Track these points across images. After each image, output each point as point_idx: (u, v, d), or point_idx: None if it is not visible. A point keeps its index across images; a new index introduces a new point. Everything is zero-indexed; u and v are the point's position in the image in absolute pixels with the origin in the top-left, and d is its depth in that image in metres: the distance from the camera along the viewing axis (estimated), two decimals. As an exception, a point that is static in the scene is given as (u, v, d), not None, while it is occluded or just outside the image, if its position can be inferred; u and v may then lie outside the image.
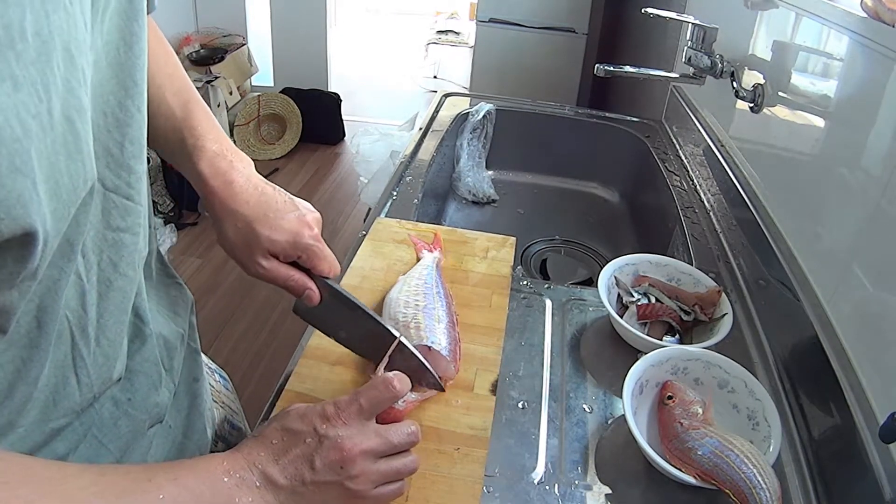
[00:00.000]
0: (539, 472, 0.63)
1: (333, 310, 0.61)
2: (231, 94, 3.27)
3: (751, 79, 1.08)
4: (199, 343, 0.66)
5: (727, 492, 0.56)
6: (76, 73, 0.33)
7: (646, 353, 0.70)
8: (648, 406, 0.69)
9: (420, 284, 0.78)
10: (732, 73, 1.10)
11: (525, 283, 0.91)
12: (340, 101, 3.56)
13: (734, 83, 1.07)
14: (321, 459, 0.47)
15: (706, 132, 1.26)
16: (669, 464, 0.60)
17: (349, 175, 3.26)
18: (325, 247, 0.59)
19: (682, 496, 0.62)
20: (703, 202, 1.18)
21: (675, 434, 0.62)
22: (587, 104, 2.96)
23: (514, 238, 0.97)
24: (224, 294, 2.32)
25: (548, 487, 0.61)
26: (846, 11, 0.78)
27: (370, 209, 1.18)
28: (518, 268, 0.95)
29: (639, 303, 0.83)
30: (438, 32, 4.92)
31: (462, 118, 1.50)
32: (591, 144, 1.53)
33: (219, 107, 3.08)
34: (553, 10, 2.67)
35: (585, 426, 0.69)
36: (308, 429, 0.48)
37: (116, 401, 0.48)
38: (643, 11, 1.27)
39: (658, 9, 1.25)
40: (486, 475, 0.61)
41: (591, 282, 1.20)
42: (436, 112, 1.53)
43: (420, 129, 1.42)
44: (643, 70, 1.26)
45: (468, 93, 1.85)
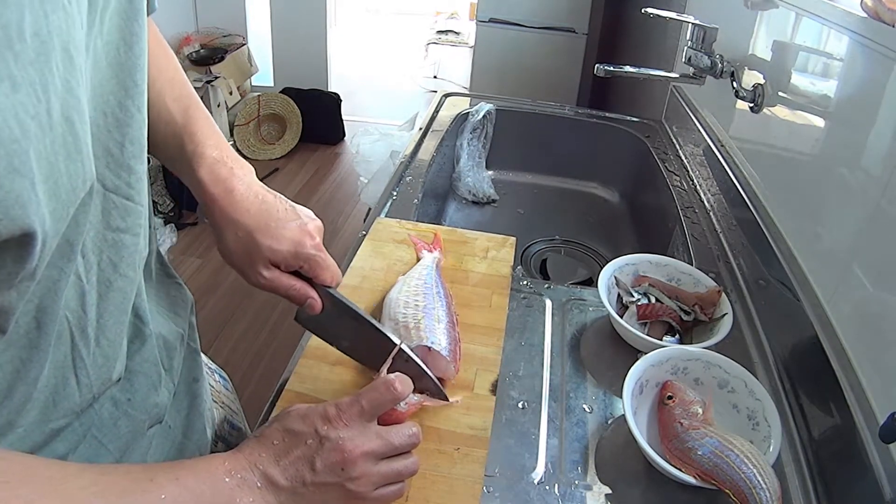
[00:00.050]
0: (539, 472, 0.63)
1: (336, 319, 0.60)
2: (231, 94, 3.27)
3: (751, 79, 1.07)
4: (199, 343, 0.66)
5: (727, 492, 0.56)
6: (75, 74, 0.32)
7: (646, 353, 0.70)
8: (648, 406, 0.69)
9: (420, 285, 0.77)
10: (732, 73, 1.10)
11: (525, 283, 0.91)
12: (340, 101, 3.56)
13: (734, 83, 1.07)
14: (322, 461, 0.47)
15: (706, 132, 1.26)
16: (669, 464, 0.60)
17: (349, 175, 3.26)
18: (328, 256, 0.58)
19: (682, 496, 0.62)
20: (703, 202, 1.18)
21: (675, 434, 0.62)
22: (587, 104, 2.96)
23: (514, 238, 0.97)
24: (224, 294, 2.32)
25: (548, 487, 0.61)
26: (846, 11, 0.78)
27: (370, 209, 1.18)
28: (518, 268, 0.95)
29: (639, 303, 0.83)
30: (438, 32, 4.92)
31: (462, 118, 1.50)
32: (591, 144, 1.53)
33: (219, 107, 3.08)
34: (553, 10, 2.67)
35: (585, 426, 0.69)
36: (309, 430, 0.48)
37: (116, 401, 0.48)
38: (643, 11, 1.27)
39: (658, 9, 1.25)
40: (486, 475, 0.61)
41: (591, 282, 1.20)
42: (436, 112, 1.52)
43: (420, 129, 1.42)
44: (643, 70, 1.26)
45: (468, 93, 1.85)
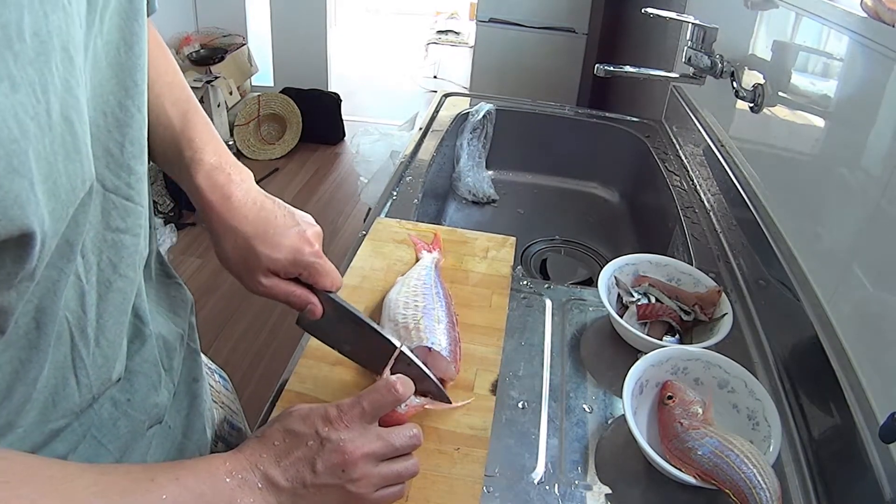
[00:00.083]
0: (539, 472, 0.63)
1: (336, 323, 0.60)
2: (231, 94, 3.27)
3: (751, 79, 1.07)
4: (199, 343, 0.66)
5: (727, 492, 0.56)
6: (75, 73, 0.32)
7: (646, 353, 0.70)
8: (648, 406, 0.69)
9: (419, 285, 0.77)
10: (732, 73, 1.10)
11: (525, 283, 0.91)
12: (340, 101, 3.56)
13: (734, 83, 1.07)
14: (323, 462, 0.46)
15: (706, 132, 1.26)
16: (669, 464, 0.60)
17: (349, 175, 3.26)
18: (327, 262, 0.58)
19: (682, 496, 0.62)
20: (703, 202, 1.18)
21: (675, 434, 0.62)
22: (587, 104, 2.96)
23: (514, 238, 0.97)
24: (224, 294, 2.32)
25: (548, 487, 0.61)
26: (846, 11, 0.78)
27: (370, 209, 1.18)
28: (518, 268, 0.95)
29: (639, 303, 0.83)
30: (438, 32, 4.92)
31: (462, 118, 1.50)
32: (591, 144, 1.53)
33: (219, 107, 3.08)
34: (553, 10, 2.67)
35: (585, 426, 0.69)
36: (310, 431, 0.48)
37: (116, 401, 0.48)
38: (643, 11, 1.27)
39: (658, 9, 1.25)
40: (486, 475, 0.61)
41: (591, 282, 1.20)
42: (436, 112, 1.52)
43: (420, 129, 1.42)
44: (643, 70, 1.26)
45: (468, 93, 1.85)
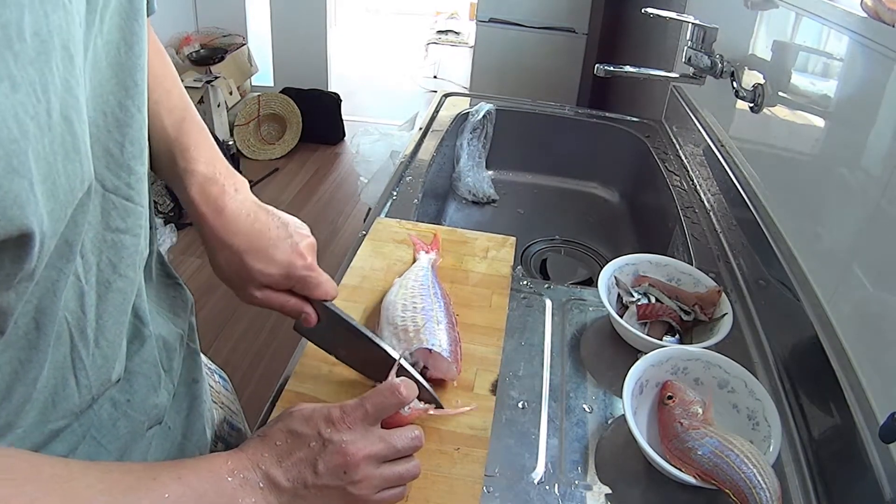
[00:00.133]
0: (539, 472, 0.63)
1: (331, 331, 0.62)
2: (231, 94, 3.27)
3: (751, 79, 1.07)
4: (199, 344, 0.66)
5: (727, 492, 0.56)
6: (74, 73, 0.32)
7: (646, 353, 0.70)
8: (648, 406, 0.69)
9: (417, 286, 0.77)
10: (732, 73, 1.10)
11: (525, 283, 0.91)
12: (340, 101, 3.56)
13: (734, 83, 1.07)
14: (324, 463, 0.46)
15: (706, 132, 1.26)
16: (669, 464, 0.60)
17: (349, 175, 3.26)
18: (320, 274, 0.59)
19: (682, 496, 0.62)
20: (703, 202, 1.17)
21: (675, 434, 0.62)
22: (587, 104, 2.96)
23: (514, 238, 0.97)
24: (224, 294, 2.32)
25: (548, 487, 0.61)
26: (846, 11, 0.78)
27: (370, 209, 1.18)
28: (518, 268, 0.95)
29: (639, 303, 0.83)
30: (438, 32, 4.92)
31: (462, 118, 1.50)
32: (591, 144, 1.53)
33: (219, 107, 3.08)
34: (553, 10, 2.67)
35: (585, 426, 0.69)
36: (312, 432, 0.48)
37: (115, 402, 0.48)
38: (643, 11, 1.27)
39: (658, 9, 1.25)
40: (486, 475, 0.61)
41: (591, 282, 1.20)
42: (436, 112, 1.52)
43: (420, 129, 1.42)
44: (643, 70, 1.26)
45: (468, 93, 1.85)
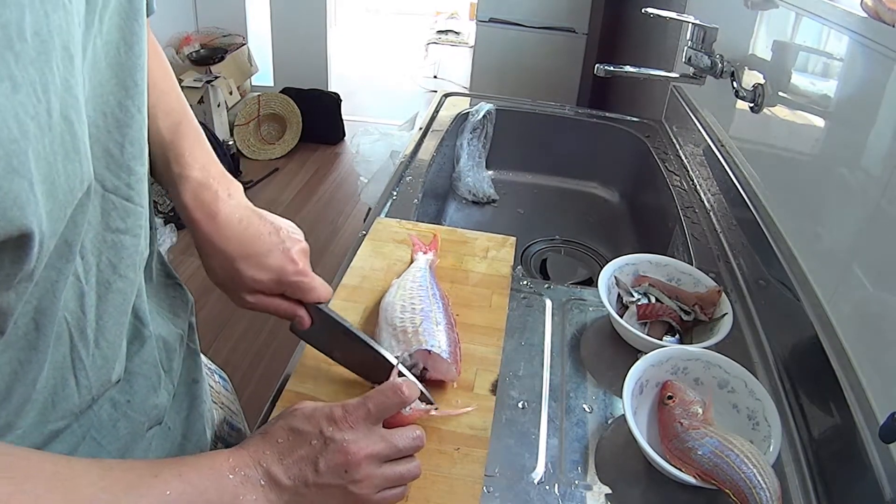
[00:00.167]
0: (539, 472, 0.63)
1: (325, 333, 0.63)
2: (231, 94, 3.27)
3: (751, 79, 1.07)
4: (199, 344, 0.66)
5: (727, 492, 0.56)
6: (74, 73, 0.32)
7: (646, 353, 0.70)
8: (648, 406, 0.69)
9: (415, 287, 0.77)
10: (732, 73, 1.10)
11: (525, 283, 0.91)
12: (340, 101, 3.56)
13: (734, 83, 1.07)
14: (325, 462, 0.46)
15: (706, 132, 1.26)
16: (669, 464, 0.60)
17: (349, 175, 3.26)
18: (313, 279, 0.59)
19: (682, 496, 0.62)
20: (703, 202, 1.17)
21: (675, 434, 0.62)
22: (587, 104, 2.96)
23: (514, 238, 0.97)
24: (224, 294, 2.32)
25: (548, 487, 0.61)
26: (846, 11, 0.78)
27: (370, 209, 1.18)
28: (518, 268, 0.95)
29: (639, 303, 0.83)
30: (438, 32, 4.92)
31: (462, 118, 1.50)
32: (591, 144, 1.53)
33: (219, 107, 3.08)
34: (553, 10, 2.67)
35: (585, 426, 0.69)
36: (314, 430, 0.48)
37: (115, 403, 0.48)
38: (643, 11, 1.27)
39: (658, 9, 1.25)
40: (486, 475, 0.61)
41: (591, 282, 1.20)
42: (436, 112, 1.52)
43: (420, 129, 1.42)
44: (643, 70, 1.26)
45: (468, 93, 1.85)
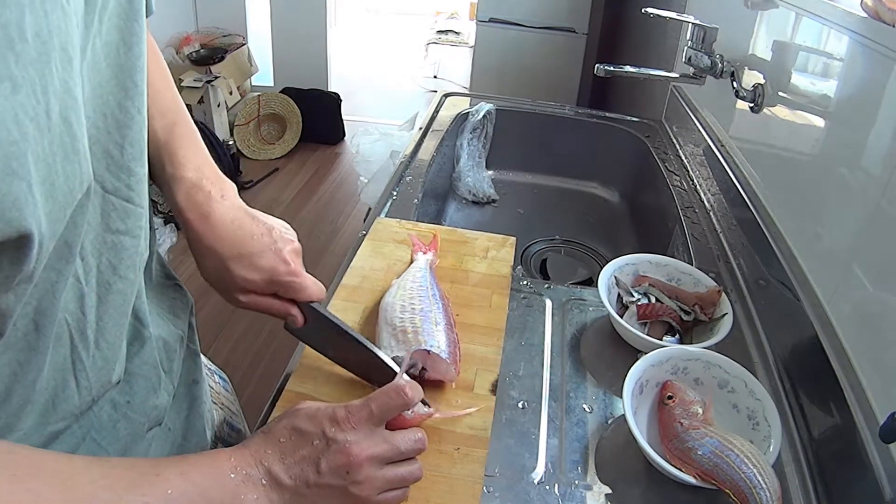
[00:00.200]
0: (539, 472, 0.63)
1: (319, 331, 0.63)
2: (231, 94, 3.27)
3: (751, 79, 1.07)
4: (199, 344, 0.66)
5: (727, 492, 0.56)
6: (73, 74, 0.32)
7: (646, 353, 0.70)
8: (648, 406, 0.69)
9: (415, 287, 0.77)
10: (732, 73, 1.10)
11: (525, 283, 0.91)
12: (340, 101, 3.56)
13: (734, 83, 1.07)
14: (327, 463, 0.46)
15: (706, 132, 1.26)
16: (669, 464, 0.60)
17: (349, 175, 3.26)
18: (305, 278, 0.59)
19: (682, 496, 0.62)
20: (703, 202, 1.17)
21: (675, 434, 0.62)
22: (587, 104, 2.96)
23: (514, 238, 0.96)
24: (224, 294, 2.32)
25: (548, 487, 0.61)
26: (846, 11, 0.78)
27: (370, 209, 1.18)
28: (518, 268, 0.95)
29: (639, 303, 0.83)
30: (438, 32, 4.92)
31: (462, 118, 1.50)
32: (591, 144, 1.53)
33: (219, 107, 3.08)
34: (553, 10, 2.67)
35: (585, 426, 0.69)
36: (317, 430, 0.47)
37: (115, 404, 0.48)
38: (643, 11, 1.27)
39: (658, 9, 1.25)
40: (486, 475, 0.61)
41: (591, 282, 1.20)
42: (436, 112, 1.52)
43: (420, 129, 1.42)
44: (643, 70, 1.26)
45: (468, 93, 1.85)
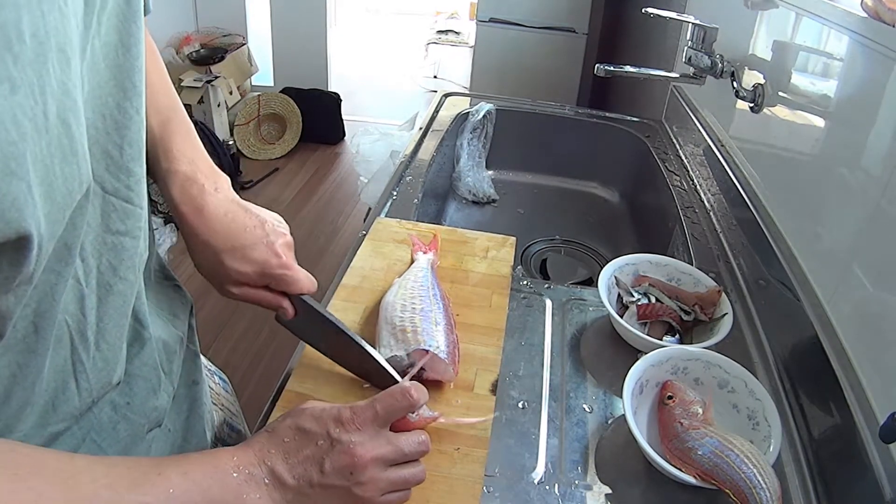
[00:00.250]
0: (539, 472, 0.63)
1: (310, 324, 0.63)
2: (231, 94, 3.27)
3: (751, 79, 1.07)
4: (199, 345, 0.66)
5: (727, 492, 0.56)
6: (71, 75, 0.32)
7: (646, 353, 0.70)
8: (648, 406, 0.69)
9: (416, 287, 0.77)
10: (732, 73, 1.10)
11: (525, 283, 0.91)
12: (340, 101, 3.56)
13: (734, 83, 1.07)
14: (331, 463, 0.46)
15: (706, 132, 1.26)
16: (669, 464, 0.60)
17: (349, 175, 3.26)
18: (297, 271, 0.60)
19: (682, 496, 0.62)
20: (703, 202, 1.17)
21: (675, 434, 0.62)
22: (587, 104, 2.96)
23: (514, 238, 0.96)
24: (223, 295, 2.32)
25: (548, 487, 0.61)
26: (846, 11, 0.78)
27: (370, 209, 1.18)
28: (518, 268, 0.95)
29: (639, 303, 0.83)
30: (438, 32, 4.92)
31: (462, 118, 1.50)
32: (591, 144, 1.53)
33: (219, 106, 3.08)
34: (553, 10, 2.67)
35: (585, 426, 0.69)
36: (321, 431, 0.47)
37: (115, 405, 0.48)
38: (643, 11, 1.27)
39: (658, 9, 1.25)
40: (486, 475, 0.61)
41: (591, 282, 1.20)
42: (436, 112, 1.52)
43: (420, 129, 1.42)
44: (643, 70, 1.26)
45: (468, 93, 1.85)
